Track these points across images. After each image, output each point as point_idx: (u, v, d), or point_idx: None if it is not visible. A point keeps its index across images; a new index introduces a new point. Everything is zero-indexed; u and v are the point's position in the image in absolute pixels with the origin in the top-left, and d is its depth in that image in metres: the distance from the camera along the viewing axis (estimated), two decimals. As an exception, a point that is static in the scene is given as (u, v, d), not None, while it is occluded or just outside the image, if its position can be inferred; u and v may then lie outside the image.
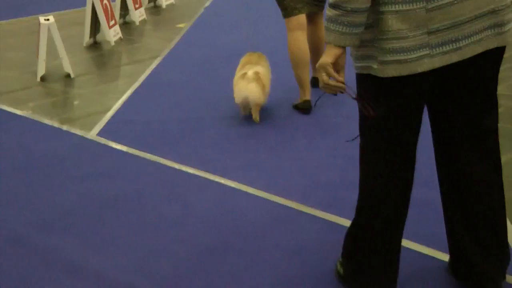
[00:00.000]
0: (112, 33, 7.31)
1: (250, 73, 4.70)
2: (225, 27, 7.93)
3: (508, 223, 3.00)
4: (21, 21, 8.98)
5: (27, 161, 4.27)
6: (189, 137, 4.54)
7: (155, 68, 6.28)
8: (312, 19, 5.04)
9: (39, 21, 6.19)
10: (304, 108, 4.84)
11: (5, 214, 3.55)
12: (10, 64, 6.74)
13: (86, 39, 7.31)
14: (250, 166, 4.01)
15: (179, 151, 4.30)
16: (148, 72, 6.16)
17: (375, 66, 2.25)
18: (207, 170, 3.96)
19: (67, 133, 4.77)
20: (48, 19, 6.13)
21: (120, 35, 7.55)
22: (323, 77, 2.26)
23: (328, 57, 2.24)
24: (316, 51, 5.07)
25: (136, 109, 5.20)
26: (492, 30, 2.21)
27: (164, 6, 9.35)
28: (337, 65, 2.27)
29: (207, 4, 9.41)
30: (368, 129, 2.40)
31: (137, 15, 8.34)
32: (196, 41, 7.28)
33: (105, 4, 7.29)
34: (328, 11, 2.21)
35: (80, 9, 9.49)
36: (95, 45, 7.36)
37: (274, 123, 4.72)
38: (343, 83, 2.25)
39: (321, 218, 3.31)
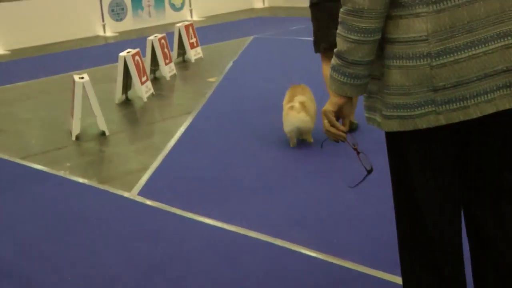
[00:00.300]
0: (144, 89, 7.28)
1: (297, 104, 5.11)
2: (256, 80, 7.89)
3: None
4: (53, 79, 9.01)
5: (69, 222, 4.17)
6: (233, 194, 4.42)
7: (191, 124, 6.21)
8: None
9: (73, 79, 6.16)
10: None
11: (52, 280, 3.42)
12: (43, 123, 6.71)
13: (118, 95, 7.28)
14: (300, 224, 3.87)
15: (223, 209, 4.18)
16: (183, 128, 6.09)
17: (378, 119, 2.20)
18: (255, 230, 3.82)
19: (107, 193, 4.67)
20: (82, 77, 6.10)
21: (152, 91, 7.52)
22: (325, 123, 2.25)
23: (330, 105, 2.23)
24: None
25: (175, 167, 5.10)
26: (507, 90, 2.08)
27: (193, 60, 9.35)
28: (341, 113, 2.25)
29: (236, 58, 9.40)
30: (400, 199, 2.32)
31: (167, 70, 8.33)
32: (229, 95, 7.23)
33: (137, 60, 7.28)
34: (332, 60, 2.19)
35: (109, 66, 9.53)
36: (127, 102, 7.33)
37: (319, 170, 4.59)
38: (344, 132, 2.24)
39: (388, 280, 3.14)
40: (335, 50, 2.18)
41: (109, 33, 13.14)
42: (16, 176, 5.16)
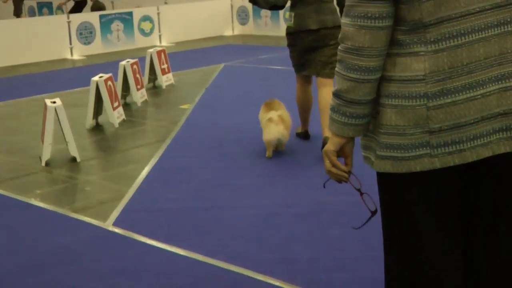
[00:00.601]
0: (116, 115, 7.10)
1: (276, 117, 5.63)
2: (231, 108, 7.77)
3: None
4: (20, 102, 8.77)
5: (42, 256, 3.96)
6: (214, 227, 4.27)
7: (165, 152, 6.05)
8: (320, 81, 5.71)
9: (45, 104, 5.96)
10: (304, 136, 6.17)
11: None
12: (11, 148, 6.47)
13: (89, 121, 7.10)
14: (285, 260, 3.73)
15: (206, 243, 4.03)
16: (157, 156, 5.92)
17: (372, 158, 2.13)
18: (242, 266, 3.67)
19: (81, 223, 4.48)
20: (54, 101, 5.92)
21: (123, 117, 7.35)
22: (326, 164, 2.17)
23: (331, 145, 2.15)
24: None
25: (151, 196, 4.93)
26: (503, 134, 2.02)
27: (164, 86, 9.21)
28: (342, 152, 2.16)
29: (207, 85, 9.29)
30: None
31: (139, 96, 8.17)
32: (203, 123, 7.09)
33: (109, 85, 7.11)
34: (331, 100, 2.12)
35: (78, 90, 9.34)
36: (98, 128, 7.14)
37: (305, 205, 4.47)
38: (346, 172, 2.16)
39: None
40: (333, 89, 2.11)
41: (76, 56, 12.93)
42: (-16, 204, 4.93)
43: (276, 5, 5.75)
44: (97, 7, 15.67)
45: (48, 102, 5.93)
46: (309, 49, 5.65)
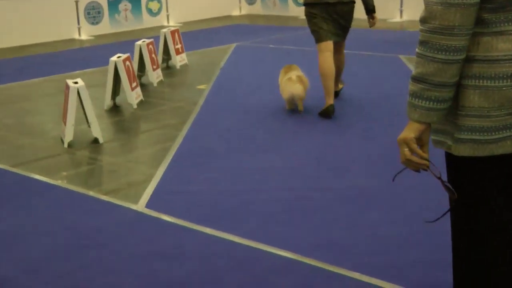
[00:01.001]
0: (134, 96, 7.01)
1: (294, 76, 6.41)
2: (248, 89, 7.69)
3: None
4: (32, 83, 8.66)
5: (76, 240, 3.89)
6: (248, 210, 4.21)
7: (188, 133, 5.97)
8: (336, 47, 6.48)
9: (66, 84, 5.88)
10: (328, 112, 6.22)
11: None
12: (30, 130, 6.39)
13: (108, 102, 7.01)
14: (327, 244, 3.67)
15: (243, 225, 3.96)
16: (181, 137, 5.85)
17: (449, 142, 2.07)
18: (283, 248, 3.61)
19: (113, 205, 4.41)
20: (76, 82, 5.82)
21: (141, 97, 7.26)
22: (405, 152, 2.06)
23: (411, 131, 2.05)
24: (338, 73, 6.70)
25: (181, 178, 4.86)
26: None
27: (178, 66, 9.11)
28: (420, 140, 2.07)
29: (222, 65, 9.19)
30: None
31: (155, 76, 8.08)
32: (222, 104, 7.01)
33: (128, 65, 7.01)
34: (411, 85, 2.02)
35: (91, 70, 9.23)
36: (116, 108, 7.06)
37: (340, 193, 4.41)
38: (426, 159, 2.07)
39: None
40: (414, 73, 2.02)
41: (84, 37, 12.79)
42: (11, 186, 4.86)
43: None
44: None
45: (70, 82, 5.84)
46: (334, 19, 6.35)
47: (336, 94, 6.86)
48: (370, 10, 6.64)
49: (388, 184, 4.46)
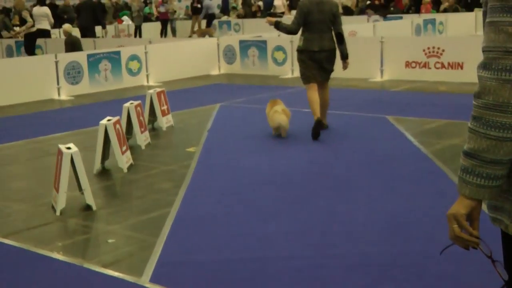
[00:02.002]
0: (124, 159, 6.83)
1: (280, 109, 8.01)
2: (239, 150, 7.57)
3: None
4: (15, 146, 8.42)
5: (82, 317, 3.64)
6: (260, 281, 4.01)
7: (184, 198, 5.80)
8: (320, 84, 8.24)
9: (59, 150, 5.68)
10: (317, 124, 7.80)
11: None
12: (20, 196, 6.15)
13: (97, 165, 6.81)
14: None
15: (258, 300, 3.76)
16: (178, 202, 5.67)
17: (506, 221, 1.97)
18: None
19: (115, 279, 4.19)
20: (69, 147, 5.63)
21: (131, 161, 7.08)
22: (455, 229, 1.97)
23: (462, 207, 1.96)
24: (323, 106, 8.20)
25: (183, 247, 4.67)
26: None
27: (164, 128, 8.97)
28: (471, 216, 1.98)
29: (209, 126, 9.08)
30: None
31: (143, 139, 7.92)
32: (215, 167, 6.87)
33: (118, 128, 6.84)
34: (462, 161, 1.94)
35: (73, 132, 9.04)
36: (105, 172, 6.86)
37: (351, 261, 4.25)
38: (477, 237, 1.98)
39: None
40: (466, 148, 1.94)
41: (64, 97, 12.62)
42: (2, 258, 4.59)
43: (292, 32, 8.18)
44: (71, 41, 15.47)
45: (62, 147, 5.65)
46: (318, 63, 8.13)
47: (324, 127, 8.22)
48: (344, 56, 8.36)
49: (400, 252, 4.35)
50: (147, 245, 4.73)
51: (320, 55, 8.11)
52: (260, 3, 29.44)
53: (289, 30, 8.14)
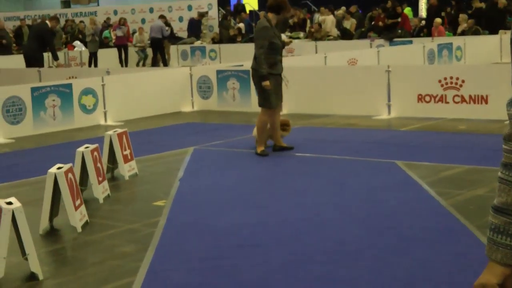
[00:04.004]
0: (78, 216, 6.81)
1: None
2: (217, 205, 7.58)
3: None
4: None
5: None
6: None
7: (152, 265, 5.77)
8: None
9: (-3, 205, 5.65)
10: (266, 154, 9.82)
11: None
12: None
13: (44, 224, 6.80)
14: None
15: None
16: (144, 270, 5.64)
17: None
18: None
19: None
20: (10, 202, 5.61)
21: (86, 217, 7.06)
22: None
23: (492, 276, 1.99)
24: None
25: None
26: None
27: (127, 177, 8.96)
28: (504, 286, 2.02)
29: (180, 175, 9.09)
30: None
31: (101, 190, 7.90)
32: (188, 226, 6.86)
33: (70, 179, 6.84)
34: (492, 218, 1.99)
35: (10, 184, 9.00)
36: (54, 233, 6.85)
37: None
38: None
39: None
40: (496, 203, 1.98)
41: (2, 139, 12.59)
42: None
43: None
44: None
45: (1, 203, 5.62)
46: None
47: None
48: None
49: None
50: (106, 323, 4.69)
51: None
52: (241, 25, 29.77)
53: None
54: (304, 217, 7.03)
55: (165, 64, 24.89)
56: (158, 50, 25.46)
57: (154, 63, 24.68)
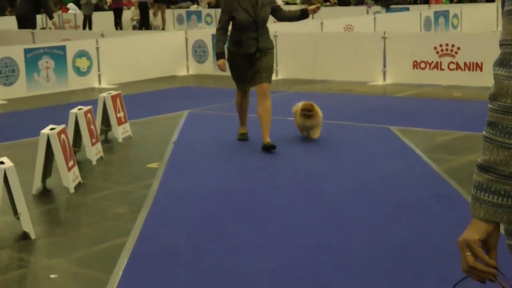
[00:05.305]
0: (71, 177, 6.79)
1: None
2: (211, 169, 7.56)
3: None
4: None
5: None
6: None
7: (145, 227, 5.76)
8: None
9: (-11, 165, 5.62)
10: (243, 139, 8.65)
11: None
12: None
13: (37, 185, 6.77)
14: None
15: None
16: (137, 232, 5.62)
17: None
18: None
19: (58, 325, 4.13)
20: (2, 162, 5.58)
21: (79, 179, 7.04)
22: (468, 258, 2.01)
23: (475, 232, 2.01)
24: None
25: (143, 284, 4.62)
26: None
27: (120, 139, 8.93)
28: (487, 243, 2.02)
29: (175, 138, 9.06)
30: None
31: (94, 152, 7.87)
32: (183, 188, 6.84)
33: (63, 139, 6.80)
34: (476, 175, 2.00)
35: (6, 144, 8.97)
36: (46, 193, 6.83)
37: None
38: (495, 268, 2.01)
39: None
40: (481, 161, 1.99)
41: (-5, 101, 12.54)
42: None
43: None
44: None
45: (-6, 162, 5.59)
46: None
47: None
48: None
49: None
50: (97, 283, 4.73)
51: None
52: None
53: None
54: (297, 184, 7.01)
55: (147, 27, 24.46)
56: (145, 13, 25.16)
57: (142, 27, 24.41)
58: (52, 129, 6.78)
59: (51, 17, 18.85)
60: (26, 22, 18.35)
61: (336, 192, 6.65)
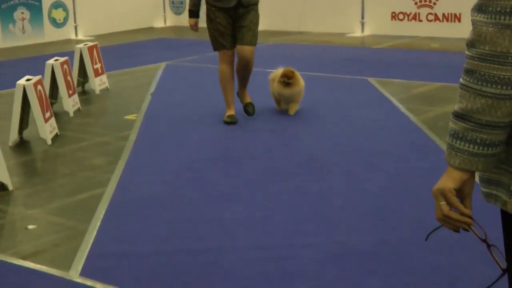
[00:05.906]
0: (48, 129, 6.76)
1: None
2: (189, 119, 7.55)
3: None
4: None
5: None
6: (214, 276, 4.03)
7: (123, 177, 5.77)
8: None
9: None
10: (231, 122, 7.26)
11: None
12: None
13: (14, 136, 6.74)
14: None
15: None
16: (114, 182, 5.63)
17: (504, 197, 1.99)
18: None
19: (37, 273, 4.15)
20: (-22, 113, 5.55)
21: (56, 130, 7.01)
22: (443, 207, 1.99)
23: (450, 181, 1.98)
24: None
25: (121, 236, 4.66)
26: None
27: (97, 91, 8.89)
28: (461, 192, 2.00)
29: (152, 89, 9.03)
30: None
31: (71, 104, 7.84)
32: (160, 139, 6.85)
33: (40, 91, 6.76)
34: (452, 124, 1.97)
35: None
36: (23, 145, 6.81)
37: (326, 252, 4.29)
38: (469, 217, 1.99)
39: None
40: (457, 109, 1.96)
41: (-30, 53, 12.42)
42: None
43: None
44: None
45: (-31, 113, 5.56)
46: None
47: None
48: None
49: (383, 241, 4.40)
50: (76, 233, 4.72)
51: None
52: None
53: None
54: (275, 132, 7.04)
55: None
56: None
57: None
58: (28, 80, 6.74)
59: None
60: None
61: (313, 140, 6.68)
